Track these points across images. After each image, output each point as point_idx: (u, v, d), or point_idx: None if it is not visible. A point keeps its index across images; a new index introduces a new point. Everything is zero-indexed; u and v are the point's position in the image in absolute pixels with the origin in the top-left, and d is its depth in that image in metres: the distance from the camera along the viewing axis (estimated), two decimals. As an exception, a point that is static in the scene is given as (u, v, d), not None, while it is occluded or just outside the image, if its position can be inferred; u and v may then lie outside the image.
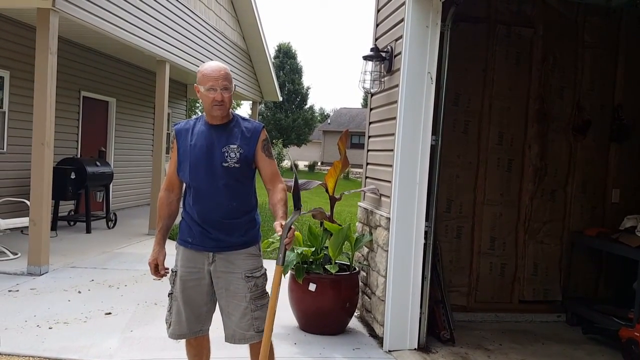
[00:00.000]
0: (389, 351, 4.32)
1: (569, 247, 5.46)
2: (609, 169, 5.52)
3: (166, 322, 2.98)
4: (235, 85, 2.92)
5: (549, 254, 5.45)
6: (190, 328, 2.94)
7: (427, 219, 4.36)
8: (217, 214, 2.81)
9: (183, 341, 3.05)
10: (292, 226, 2.67)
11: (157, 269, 2.90)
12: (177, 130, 2.92)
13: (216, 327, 3.05)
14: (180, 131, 2.90)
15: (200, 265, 2.87)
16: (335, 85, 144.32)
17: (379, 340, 4.51)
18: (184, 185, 2.96)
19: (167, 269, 2.93)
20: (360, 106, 52.73)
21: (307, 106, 44.95)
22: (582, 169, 5.46)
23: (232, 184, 2.78)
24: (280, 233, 2.65)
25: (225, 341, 2.94)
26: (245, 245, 2.86)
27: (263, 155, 2.86)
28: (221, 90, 2.76)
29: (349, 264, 4.94)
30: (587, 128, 5.42)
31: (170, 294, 2.95)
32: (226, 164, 2.78)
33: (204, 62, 11.75)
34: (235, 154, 2.78)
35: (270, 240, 4.79)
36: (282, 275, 4.55)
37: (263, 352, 2.70)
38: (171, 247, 2.94)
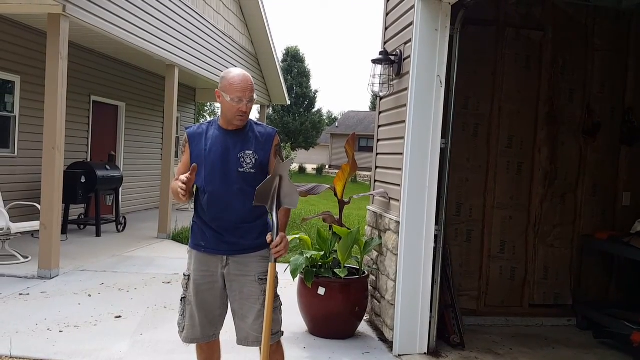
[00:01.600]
0: (399, 355, 4.31)
1: (579, 250, 5.42)
2: (620, 171, 5.48)
3: (179, 327, 2.98)
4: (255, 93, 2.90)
5: (560, 257, 5.41)
6: (204, 332, 2.94)
7: (436, 223, 4.35)
8: (231, 218, 2.82)
9: (193, 345, 3.05)
10: (284, 234, 2.70)
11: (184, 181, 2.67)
12: (189, 134, 2.91)
13: (225, 331, 3.05)
14: (194, 135, 2.89)
15: (213, 268, 2.87)
16: (343, 88, 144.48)
17: (389, 344, 4.50)
18: (194, 188, 2.95)
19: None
20: (368, 109, 52.70)
21: (315, 109, 44.99)
22: (592, 172, 5.43)
23: (247, 189, 2.78)
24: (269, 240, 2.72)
25: (238, 344, 2.94)
26: (259, 248, 2.86)
27: (274, 161, 2.86)
28: (247, 102, 2.76)
29: (358, 267, 4.93)
30: (597, 131, 5.39)
31: (183, 298, 2.94)
32: (242, 170, 2.79)
33: (212, 66, 11.84)
34: (251, 159, 2.80)
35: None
36: (292, 278, 4.59)
37: (264, 352, 2.69)
38: (183, 251, 2.95)
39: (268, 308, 2.68)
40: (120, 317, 4.96)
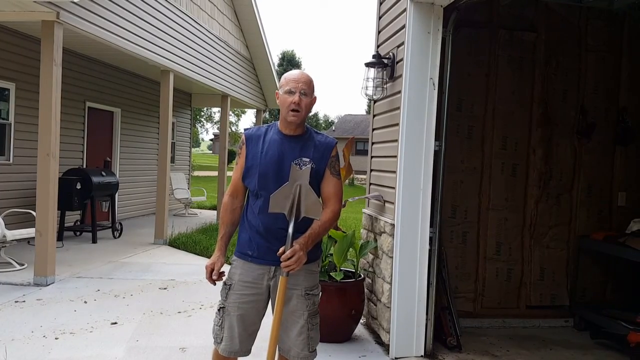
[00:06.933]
0: (396, 358, 4.30)
1: (575, 251, 5.42)
2: (615, 172, 5.49)
3: (216, 337, 2.83)
4: (315, 96, 2.79)
5: (556, 258, 5.42)
6: (242, 346, 2.80)
7: (431, 225, 4.35)
8: (283, 224, 2.66)
9: (188, 351, 3.02)
10: (299, 247, 2.55)
11: (212, 274, 2.75)
12: (247, 136, 2.82)
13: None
14: (251, 137, 2.80)
15: (259, 280, 2.75)
16: (339, 91, 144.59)
17: (385, 347, 4.49)
18: (247, 192, 2.86)
19: (223, 272, 2.77)
20: (364, 112, 52.80)
21: (312, 113, 45.03)
22: (587, 172, 5.44)
23: None
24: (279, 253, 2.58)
25: (279, 353, 2.84)
26: (307, 261, 2.66)
27: (328, 172, 2.76)
28: (299, 94, 2.70)
29: (354, 271, 4.93)
30: (591, 131, 5.40)
31: (221, 308, 2.80)
32: None
33: (207, 71, 11.85)
34: (307, 166, 2.68)
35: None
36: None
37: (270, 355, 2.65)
38: (179, 256, 2.91)
39: (275, 322, 2.60)
40: (116, 323, 4.94)
